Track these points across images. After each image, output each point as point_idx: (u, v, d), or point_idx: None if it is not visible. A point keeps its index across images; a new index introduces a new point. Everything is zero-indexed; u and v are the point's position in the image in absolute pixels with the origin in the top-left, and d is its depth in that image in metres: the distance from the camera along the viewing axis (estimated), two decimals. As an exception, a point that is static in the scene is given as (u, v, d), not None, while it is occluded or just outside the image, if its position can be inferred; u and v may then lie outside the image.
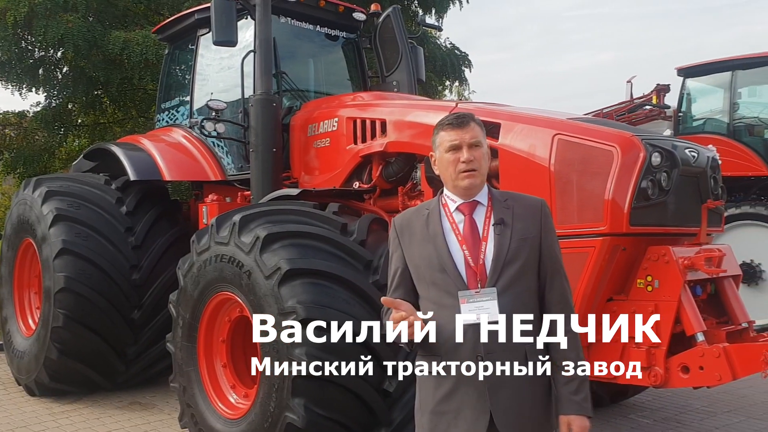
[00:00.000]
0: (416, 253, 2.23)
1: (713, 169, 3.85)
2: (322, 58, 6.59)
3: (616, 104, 12.47)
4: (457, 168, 2.19)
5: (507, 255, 2.14)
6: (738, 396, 5.74)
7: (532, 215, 2.23)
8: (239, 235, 3.88)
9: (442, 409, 2.14)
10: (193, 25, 6.31)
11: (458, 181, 2.20)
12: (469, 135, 2.19)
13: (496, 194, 2.27)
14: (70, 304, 5.48)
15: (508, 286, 2.13)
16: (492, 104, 4.54)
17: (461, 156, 2.18)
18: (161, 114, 6.88)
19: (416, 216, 2.30)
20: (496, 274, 2.13)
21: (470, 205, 2.22)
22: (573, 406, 2.16)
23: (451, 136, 2.20)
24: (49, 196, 5.84)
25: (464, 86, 14.20)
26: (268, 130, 5.14)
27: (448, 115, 2.26)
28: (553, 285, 2.22)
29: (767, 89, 9.61)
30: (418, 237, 2.24)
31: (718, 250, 3.67)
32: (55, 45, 9.78)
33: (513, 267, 2.14)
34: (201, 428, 4.15)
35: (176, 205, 6.63)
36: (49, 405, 5.69)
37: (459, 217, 2.22)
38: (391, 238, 2.34)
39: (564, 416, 2.16)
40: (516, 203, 2.25)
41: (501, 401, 2.08)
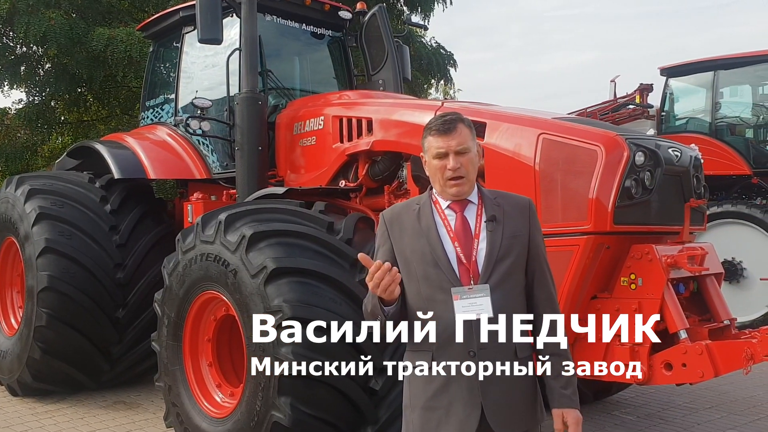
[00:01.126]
0: (407, 247, 2.22)
1: (696, 168, 3.89)
2: (308, 57, 6.58)
3: (599, 103, 12.56)
4: (444, 175, 2.19)
5: (499, 252, 2.16)
6: (719, 392, 5.81)
7: (521, 213, 2.25)
8: (225, 234, 3.87)
9: (434, 405, 2.15)
10: (178, 23, 6.27)
11: (446, 189, 2.21)
12: (455, 142, 2.18)
13: (486, 192, 2.29)
14: (53, 303, 5.43)
15: (499, 283, 2.14)
16: (478, 103, 4.56)
17: (448, 164, 2.18)
18: (146, 112, 6.83)
19: (406, 210, 2.30)
20: (488, 270, 2.15)
21: (461, 204, 2.24)
22: (564, 400, 2.20)
23: (438, 143, 2.19)
24: (32, 194, 5.78)
25: (450, 85, 14.25)
26: (254, 128, 5.13)
27: (436, 118, 2.24)
28: (540, 283, 2.25)
29: (749, 89, 9.73)
30: (410, 231, 2.23)
31: (701, 248, 3.71)
32: (37, 42, 9.68)
33: (504, 264, 2.16)
34: (187, 427, 4.13)
35: (161, 203, 6.60)
36: (33, 405, 5.64)
37: (450, 214, 2.23)
38: (379, 232, 2.33)
39: (557, 410, 2.20)
40: (505, 201, 2.27)
41: (492, 397, 2.10)
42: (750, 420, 5.10)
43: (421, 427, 2.18)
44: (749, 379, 5.75)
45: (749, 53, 9.47)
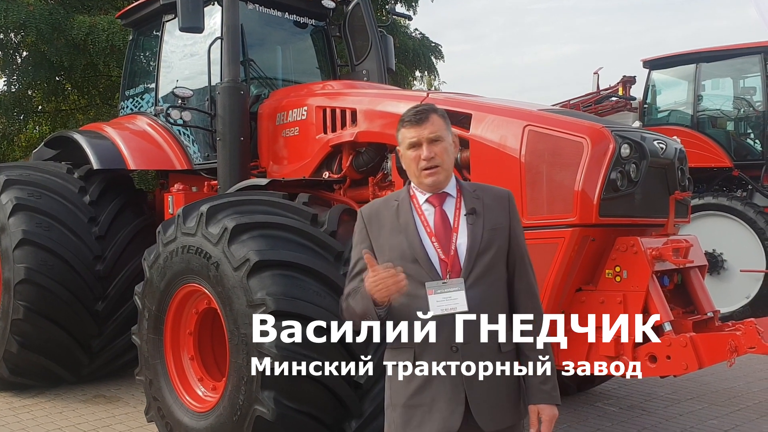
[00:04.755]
0: (386, 244, 2.20)
1: (681, 160, 3.90)
2: (291, 46, 6.50)
3: (582, 95, 12.59)
4: (419, 165, 2.17)
5: (480, 245, 2.14)
6: (701, 383, 5.86)
7: (501, 205, 2.23)
8: (207, 226, 3.81)
9: (416, 402, 2.13)
10: (158, 11, 6.16)
11: (422, 179, 2.19)
12: (428, 131, 2.16)
13: (465, 185, 2.26)
14: (30, 296, 5.35)
15: (481, 276, 2.12)
16: (463, 95, 4.52)
17: (422, 153, 2.16)
18: (125, 101, 6.72)
19: (385, 207, 2.27)
20: (470, 264, 2.12)
21: (439, 197, 2.21)
22: (542, 396, 2.18)
23: (411, 134, 2.18)
24: (8, 185, 5.68)
25: (434, 76, 14.19)
26: (236, 118, 5.06)
27: (409, 110, 2.23)
28: (520, 274, 2.24)
29: (730, 82, 9.80)
30: (388, 228, 2.21)
31: (685, 240, 3.71)
32: (16, 28, 9.50)
33: (486, 257, 2.14)
34: (168, 422, 4.08)
35: (141, 194, 6.51)
36: (10, 399, 5.55)
37: (429, 209, 2.21)
38: (357, 229, 2.29)
39: (533, 405, 2.18)
40: (484, 194, 2.25)
41: (478, 392, 2.08)
42: (731, 411, 5.15)
43: (403, 425, 2.15)
44: (730, 370, 5.80)
45: (731, 46, 9.54)
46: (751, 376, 6.16)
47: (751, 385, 5.91)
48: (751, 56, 9.29)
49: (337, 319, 3.28)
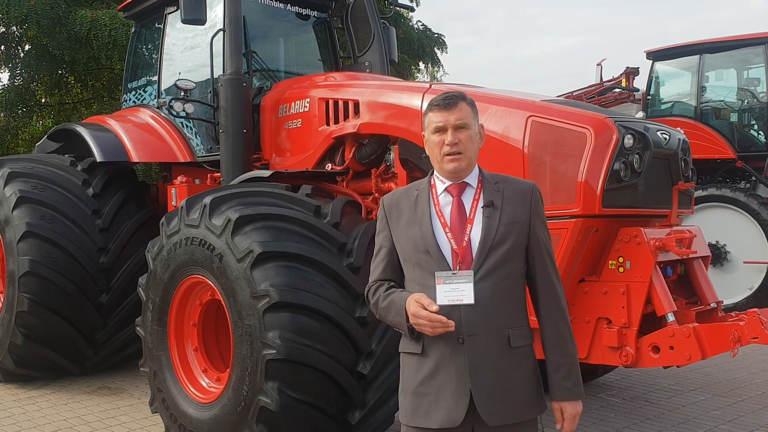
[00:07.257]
0: (402, 234, 2.22)
1: (684, 151, 3.88)
2: (293, 38, 6.49)
3: (585, 87, 12.57)
4: (442, 151, 2.17)
5: (495, 238, 2.12)
6: (704, 374, 5.88)
7: (522, 199, 2.20)
8: (210, 218, 3.81)
9: (423, 391, 2.14)
10: (160, 3, 6.16)
11: (443, 164, 2.19)
12: (455, 117, 2.16)
13: (487, 176, 2.25)
14: (35, 288, 5.37)
15: (493, 269, 2.11)
16: (466, 86, 4.51)
17: (446, 138, 2.16)
18: (128, 94, 6.73)
19: (405, 196, 2.28)
20: (482, 256, 2.11)
21: (459, 187, 2.20)
22: (564, 393, 2.18)
23: (438, 118, 2.18)
24: (12, 177, 5.69)
25: (437, 68, 14.15)
26: (238, 110, 5.05)
27: (438, 95, 2.22)
28: (540, 270, 2.21)
29: (734, 73, 9.76)
30: (406, 218, 2.23)
31: (689, 231, 3.70)
32: (19, 22, 9.49)
33: (500, 250, 2.12)
34: (172, 413, 4.10)
35: (144, 187, 6.51)
36: (15, 391, 5.58)
37: (447, 199, 2.20)
38: (379, 217, 2.33)
39: (556, 402, 2.19)
40: (507, 186, 2.22)
41: (482, 385, 2.07)
42: (733, 401, 5.15)
43: (412, 412, 2.17)
44: (733, 361, 5.83)
45: (734, 37, 9.49)
46: (754, 367, 6.17)
47: (754, 376, 5.91)
48: (755, 47, 9.25)
49: (339, 310, 3.29)
